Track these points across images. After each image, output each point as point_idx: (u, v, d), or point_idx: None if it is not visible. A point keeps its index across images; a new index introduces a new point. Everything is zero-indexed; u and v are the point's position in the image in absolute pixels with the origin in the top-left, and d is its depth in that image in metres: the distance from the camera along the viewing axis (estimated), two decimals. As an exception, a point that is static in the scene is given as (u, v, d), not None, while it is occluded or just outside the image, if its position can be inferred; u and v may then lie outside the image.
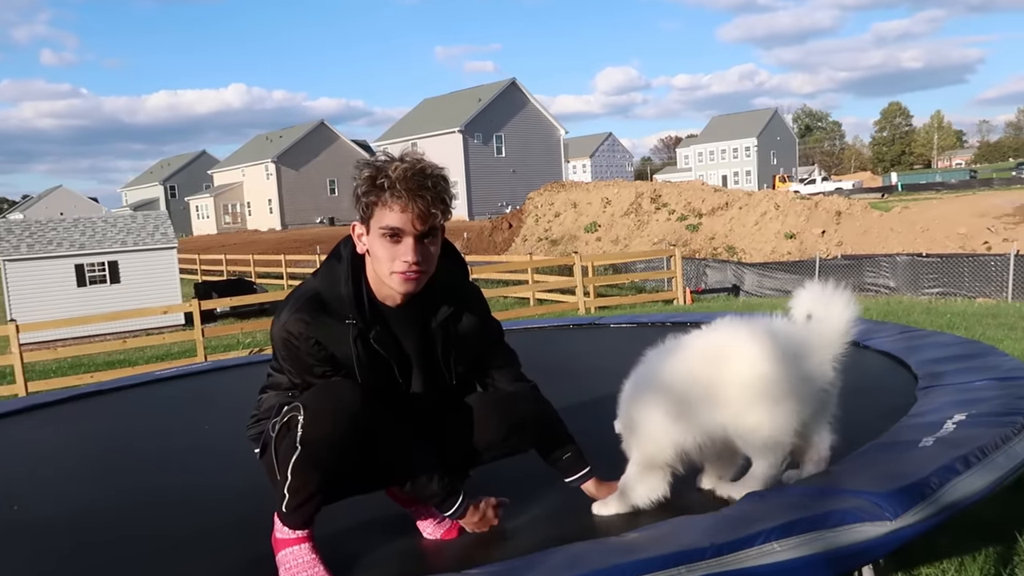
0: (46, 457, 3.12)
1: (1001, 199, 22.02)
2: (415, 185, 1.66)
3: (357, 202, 1.72)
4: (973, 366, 2.69)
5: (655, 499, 1.84)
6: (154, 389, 4.40)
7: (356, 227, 1.77)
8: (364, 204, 1.70)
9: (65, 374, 11.76)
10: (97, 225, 20.29)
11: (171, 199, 65.84)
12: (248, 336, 14.58)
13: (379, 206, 1.68)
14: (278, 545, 1.72)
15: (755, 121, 76.31)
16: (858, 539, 1.40)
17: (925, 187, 47.38)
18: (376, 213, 1.69)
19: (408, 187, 1.65)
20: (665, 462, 1.82)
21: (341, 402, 1.65)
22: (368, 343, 1.76)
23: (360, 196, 1.70)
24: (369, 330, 1.75)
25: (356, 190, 1.71)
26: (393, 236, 1.69)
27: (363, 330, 1.75)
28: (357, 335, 1.74)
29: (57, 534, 2.18)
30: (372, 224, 1.71)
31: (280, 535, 1.72)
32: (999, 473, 1.69)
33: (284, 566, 1.69)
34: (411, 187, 1.65)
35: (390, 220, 1.67)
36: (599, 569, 1.29)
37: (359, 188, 1.70)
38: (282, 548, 1.71)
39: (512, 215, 29.12)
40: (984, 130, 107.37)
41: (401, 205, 1.66)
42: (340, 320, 1.74)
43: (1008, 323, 9.85)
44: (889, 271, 14.92)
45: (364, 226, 1.74)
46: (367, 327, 1.75)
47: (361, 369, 1.75)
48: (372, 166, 1.69)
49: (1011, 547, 3.21)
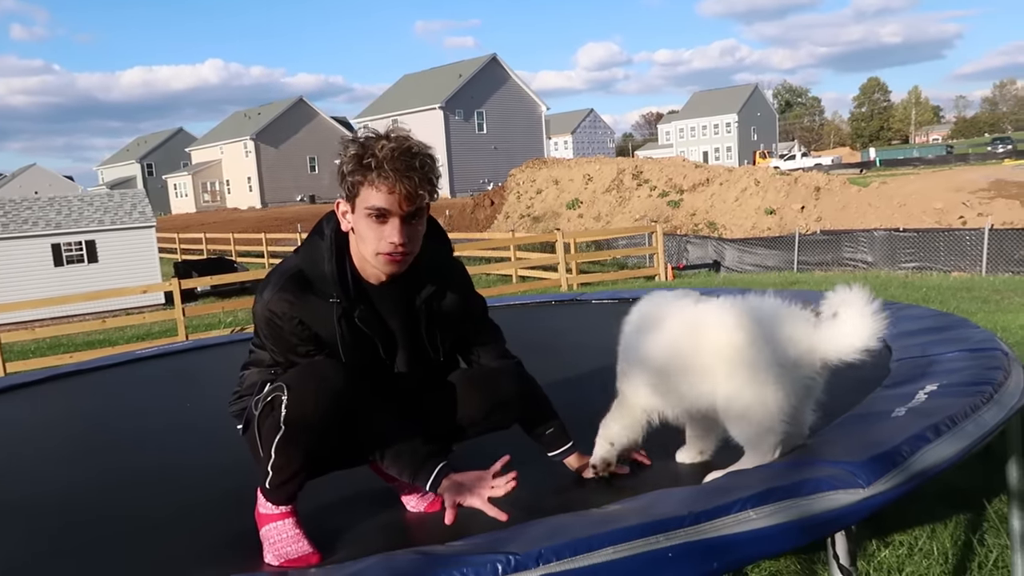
0: (26, 438, 3.11)
1: (976, 174, 22.27)
2: (402, 165, 1.64)
3: (343, 180, 1.69)
4: (945, 338, 2.75)
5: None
6: (135, 368, 4.38)
7: (340, 204, 1.76)
8: (350, 183, 1.68)
9: (44, 354, 11.67)
10: (73, 204, 20.01)
11: (148, 177, 64.94)
12: (229, 315, 14.51)
13: (365, 185, 1.66)
14: (261, 520, 1.74)
15: (736, 97, 76.39)
16: (831, 507, 1.44)
17: (903, 162, 47.78)
18: (362, 193, 1.67)
19: (395, 167, 1.63)
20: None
21: (324, 382, 1.65)
22: (352, 322, 1.76)
23: (346, 175, 1.68)
24: (353, 309, 1.75)
25: (341, 168, 1.69)
26: (379, 216, 1.68)
27: (347, 309, 1.75)
28: (341, 314, 1.74)
29: (40, 514, 2.18)
30: (358, 203, 1.69)
31: (263, 510, 1.73)
32: (968, 441, 1.74)
33: (268, 540, 1.71)
34: (398, 167, 1.63)
35: (376, 200, 1.66)
36: (579, 539, 1.32)
37: (345, 166, 1.68)
38: (266, 523, 1.72)
39: (494, 192, 29.05)
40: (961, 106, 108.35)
41: (388, 186, 1.64)
42: (324, 299, 1.73)
43: (981, 296, 10.04)
44: (867, 246, 15.09)
45: (349, 204, 1.72)
46: (351, 306, 1.75)
47: (345, 348, 1.75)
48: (358, 143, 1.67)
49: (980, 514, 3.31)
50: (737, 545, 1.35)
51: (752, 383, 1.73)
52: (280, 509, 1.71)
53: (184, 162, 63.91)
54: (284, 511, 1.71)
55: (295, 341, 1.74)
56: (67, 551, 1.90)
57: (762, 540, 1.36)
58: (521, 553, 1.30)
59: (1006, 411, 1.95)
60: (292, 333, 1.73)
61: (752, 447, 1.78)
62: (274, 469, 1.68)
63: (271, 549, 1.70)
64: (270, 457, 1.67)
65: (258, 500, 1.75)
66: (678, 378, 1.84)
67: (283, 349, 1.76)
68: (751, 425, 1.76)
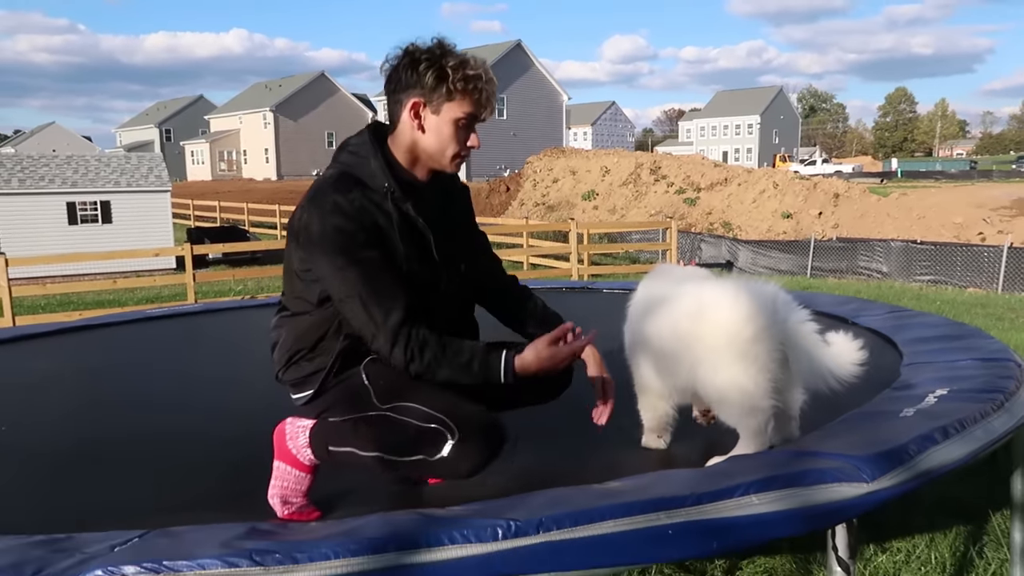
0: (34, 385, 3.13)
1: (999, 191, 22.06)
2: (491, 80, 1.79)
3: (439, 84, 1.73)
4: (958, 346, 2.73)
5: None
6: (144, 327, 4.40)
7: (420, 105, 1.76)
8: (447, 89, 1.74)
9: (54, 311, 11.75)
10: (90, 163, 20.07)
11: (166, 143, 65.02)
12: (239, 283, 14.57)
13: (459, 96, 1.75)
14: (282, 453, 1.74)
15: (760, 98, 75.79)
16: (834, 498, 1.44)
17: (924, 175, 47.34)
18: (456, 101, 1.75)
19: (489, 80, 1.78)
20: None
21: (493, 450, 1.64)
22: (406, 213, 1.78)
23: (445, 80, 1.73)
24: (406, 199, 1.78)
25: (439, 73, 1.73)
26: (466, 124, 1.78)
27: (400, 199, 1.77)
28: (395, 203, 1.76)
29: (45, 455, 2.21)
30: (448, 109, 1.76)
31: (290, 446, 1.74)
32: (976, 445, 1.72)
33: (278, 476, 1.72)
34: (491, 82, 1.79)
35: (470, 109, 1.77)
36: (580, 510, 1.32)
37: (451, 73, 1.73)
38: (286, 460, 1.73)
39: (510, 179, 28.98)
40: (987, 121, 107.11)
41: (485, 98, 1.78)
42: (377, 190, 1.75)
43: (996, 313, 9.95)
44: (883, 256, 14.98)
45: (434, 109, 1.76)
46: (403, 196, 1.78)
47: (402, 239, 1.75)
48: (456, 56, 1.75)
49: (981, 527, 3.29)
50: (737, 528, 1.34)
51: (733, 363, 1.74)
52: (309, 463, 1.73)
53: (202, 130, 63.98)
54: (310, 466, 1.73)
55: (362, 239, 1.69)
56: (66, 490, 1.91)
57: (763, 525, 1.36)
58: (522, 520, 1.30)
59: (1016, 420, 1.93)
60: (362, 228, 1.69)
61: (742, 427, 1.80)
62: (343, 462, 1.70)
63: (278, 486, 1.71)
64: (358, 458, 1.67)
65: (288, 430, 1.75)
66: (671, 360, 1.85)
67: (349, 254, 1.68)
68: (735, 405, 1.77)
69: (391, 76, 1.79)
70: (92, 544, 1.31)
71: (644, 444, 2.05)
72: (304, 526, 1.39)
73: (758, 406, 1.76)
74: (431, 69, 1.73)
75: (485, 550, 1.26)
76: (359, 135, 1.85)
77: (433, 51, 1.75)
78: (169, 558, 1.20)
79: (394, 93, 1.80)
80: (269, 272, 13.30)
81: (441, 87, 1.73)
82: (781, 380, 1.78)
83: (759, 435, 1.79)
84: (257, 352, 3.92)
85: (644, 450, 2.03)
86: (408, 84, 1.75)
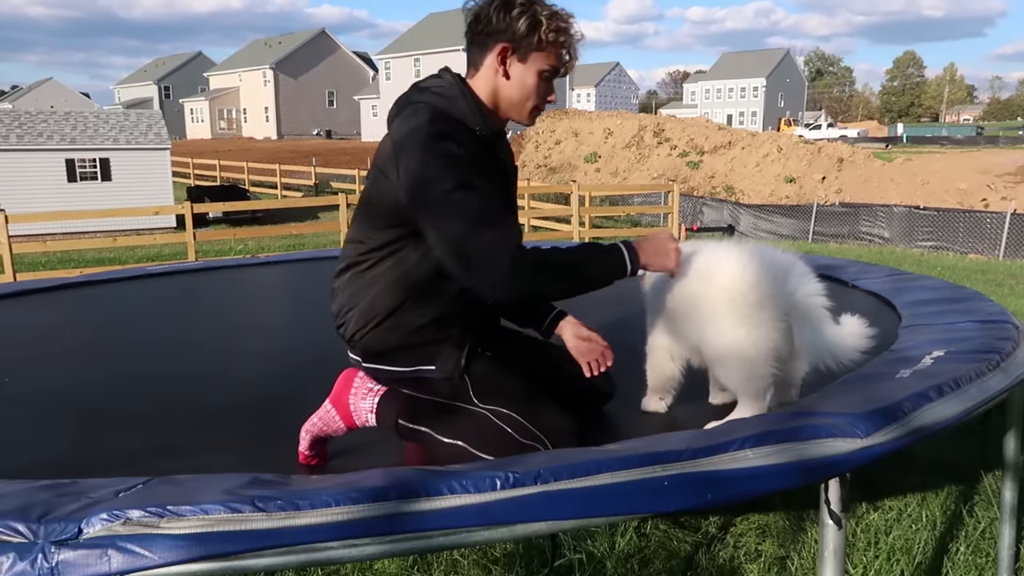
0: (36, 338, 3.15)
1: (1005, 157, 21.88)
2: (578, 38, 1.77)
3: (531, 32, 1.69)
4: (957, 308, 2.73)
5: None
6: (146, 283, 4.41)
7: (508, 51, 1.71)
8: (538, 38, 1.70)
9: (55, 268, 11.77)
10: (89, 120, 19.90)
11: (165, 100, 64.35)
12: (240, 243, 14.55)
13: (549, 48, 1.71)
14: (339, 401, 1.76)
15: (766, 61, 74.76)
16: (828, 453, 1.45)
17: (930, 140, 46.93)
18: (545, 52, 1.72)
19: (576, 35, 1.75)
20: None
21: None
22: (496, 154, 1.78)
23: (537, 29, 1.69)
24: (496, 141, 1.78)
25: (532, 21, 1.69)
26: (548, 77, 1.76)
27: (491, 141, 1.76)
28: (486, 145, 1.75)
29: (49, 404, 2.23)
30: (535, 59, 1.72)
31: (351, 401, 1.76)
32: (970, 404, 1.74)
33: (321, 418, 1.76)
34: (577, 39, 1.76)
35: (555, 63, 1.73)
36: (579, 462, 1.34)
37: (544, 22, 1.69)
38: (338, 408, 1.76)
39: (512, 140, 28.74)
40: (996, 87, 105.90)
41: (572, 54, 1.76)
42: (469, 129, 1.71)
43: (996, 280, 9.96)
44: (885, 221, 14.93)
45: (521, 57, 1.72)
46: (493, 139, 1.77)
47: (493, 176, 1.73)
48: (547, 6, 1.72)
49: (973, 487, 3.34)
50: (732, 481, 1.36)
51: (736, 327, 1.74)
52: (358, 424, 1.76)
53: (202, 87, 63.26)
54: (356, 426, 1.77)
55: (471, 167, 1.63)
56: (72, 439, 1.94)
57: (757, 478, 1.38)
58: (520, 472, 1.32)
59: (1011, 379, 1.95)
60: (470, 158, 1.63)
61: (740, 391, 1.81)
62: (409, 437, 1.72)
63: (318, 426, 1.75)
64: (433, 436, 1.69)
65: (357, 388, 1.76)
66: (681, 320, 1.86)
67: (461, 178, 1.60)
68: (735, 369, 1.78)
69: (478, 16, 1.72)
70: (97, 489, 1.33)
71: (644, 407, 2.04)
72: (306, 477, 1.42)
73: (757, 372, 1.76)
74: (524, 16, 1.68)
75: (483, 499, 1.29)
76: (437, 78, 1.78)
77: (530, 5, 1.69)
78: (173, 503, 1.22)
79: (479, 35, 1.73)
80: (270, 232, 13.28)
81: (532, 36, 1.69)
82: (784, 349, 1.78)
83: (757, 400, 1.80)
84: (261, 305, 3.95)
85: (644, 417, 2.03)
86: (497, 28, 1.69)
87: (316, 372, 2.08)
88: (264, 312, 3.77)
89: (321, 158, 31.62)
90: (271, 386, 2.43)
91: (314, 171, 26.25)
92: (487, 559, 2.78)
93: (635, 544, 2.87)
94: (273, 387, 2.42)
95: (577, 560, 2.74)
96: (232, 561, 1.21)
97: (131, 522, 1.19)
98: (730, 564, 2.78)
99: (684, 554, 2.85)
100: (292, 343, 3.03)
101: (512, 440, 1.63)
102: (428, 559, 2.78)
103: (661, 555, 2.83)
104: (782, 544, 2.89)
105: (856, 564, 2.70)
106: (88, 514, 1.21)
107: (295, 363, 2.69)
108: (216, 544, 1.19)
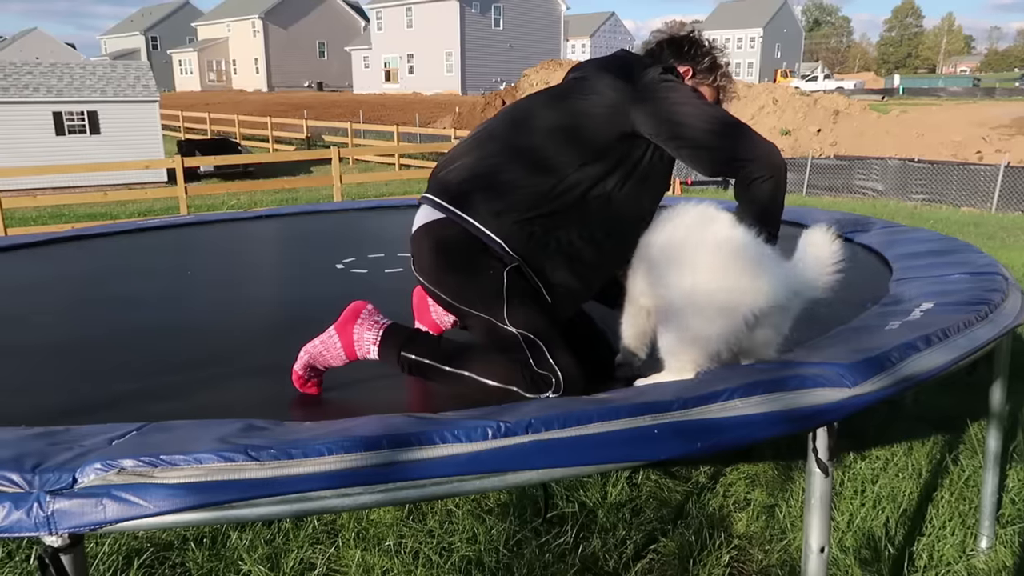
0: (27, 288, 3.14)
1: (1000, 110, 21.73)
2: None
3: (710, 72, 2.06)
4: (948, 260, 2.74)
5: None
6: (138, 237, 4.39)
7: (688, 74, 2.04)
8: (713, 78, 2.07)
9: (45, 223, 11.68)
10: (75, 72, 19.52)
11: (153, 51, 63.04)
12: (232, 197, 14.43)
13: (715, 89, 2.08)
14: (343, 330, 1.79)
15: (763, 10, 73.48)
16: (817, 402, 1.47)
17: (927, 92, 46.50)
18: (709, 88, 2.06)
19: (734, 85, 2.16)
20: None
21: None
22: None
23: (715, 72, 2.07)
24: None
25: (713, 63, 2.06)
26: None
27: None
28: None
29: (42, 352, 2.23)
30: (706, 91, 2.05)
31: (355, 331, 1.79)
32: (958, 353, 1.76)
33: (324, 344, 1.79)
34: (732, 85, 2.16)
35: (711, 99, 2.05)
36: (570, 411, 1.35)
37: (721, 67, 2.07)
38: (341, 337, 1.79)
39: (506, 92, 28.33)
40: (994, 37, 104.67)
41: (724, 98, 2.12)
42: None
43: (988, 232, 9.98)
44: (879, 174, 14.87)
45: (712, 90, 2.08)
46: None
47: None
48: (723, 55, 2.11)
49: (959, 436, 3.40)
50: (721, 429, 1.38)
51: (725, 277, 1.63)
52: (360, 355, 1.79)
53: (190, 38, 61.98)
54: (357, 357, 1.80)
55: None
56: (61, 387, 1.95)
57: (746, 426, 1.40)
58: (512, 422, 1.33)
59: (999, 330, 1.96)
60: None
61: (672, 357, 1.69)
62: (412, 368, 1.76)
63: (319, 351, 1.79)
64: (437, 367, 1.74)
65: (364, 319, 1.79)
66: (660, 272, 1.81)
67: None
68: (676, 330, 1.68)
69: (674, 40, 2.07)
70: (90, 437, 1.34)
71: (618, 360, 1.93)
72: (300, 424, 1.43)
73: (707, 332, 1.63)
74: (708, 56, 2.05)
75: (475, 448, 1.30)
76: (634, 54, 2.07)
77: (712, 45, 2.11)
78: (166, 452, 1.23)
79: (671, 56, 2.05)
80: (262, 186, 13.14)
81: (709, 75, 2.04)
82: (742, 340, 1.66)
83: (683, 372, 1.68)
84: (254, 258, 3.94)
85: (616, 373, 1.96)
86: (685, 56, 2.04)
87: (309, 321, 2.08)
88: (257, 265, 3.76)
89: (312, 111, 31.19)
90: (263, 333, 2.44)
91: (305, 124, 25.90)
92: (481, 509, 2.83)
93: (626, 494, 2.93)
94: (265, 334, 2.43)
95: (570, 512, 2.79)
96: (226, 510, 1.23)
97: (125, 472, 1.20)
98: (719, 512, 2.84)
99: (675, 503, 2.91)
100: (285, 294, 3.03)
101: (529, 369, 1.68)
102: (423, 509, 2.83)
103: (652, 504, 2.88)
104: (771, 493, 2.95)
105: (843, 512, 2.75)
106: (83, 463, 1.22)
107: (289, 314, 2.69)
108: (210, 493, 1.20)
